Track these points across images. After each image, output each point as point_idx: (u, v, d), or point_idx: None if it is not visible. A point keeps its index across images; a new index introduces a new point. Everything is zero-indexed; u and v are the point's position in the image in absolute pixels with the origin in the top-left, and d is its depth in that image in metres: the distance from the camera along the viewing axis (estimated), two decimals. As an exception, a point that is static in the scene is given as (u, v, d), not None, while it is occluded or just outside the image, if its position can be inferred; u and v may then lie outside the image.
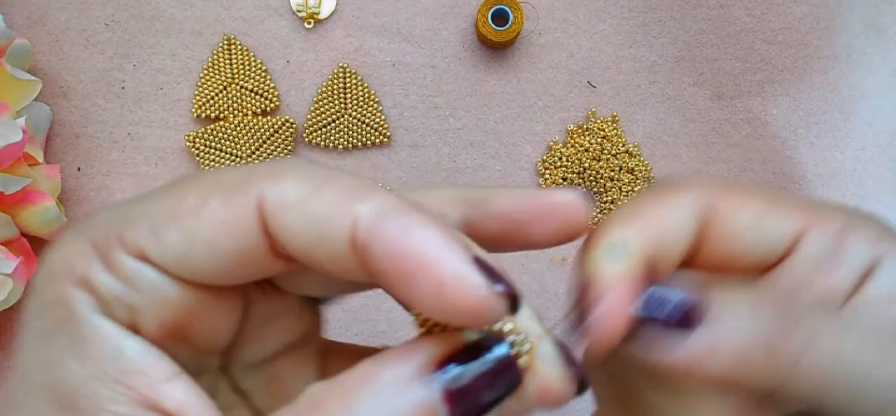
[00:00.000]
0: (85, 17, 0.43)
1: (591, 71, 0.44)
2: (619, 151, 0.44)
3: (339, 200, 0.19)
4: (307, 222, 0.19)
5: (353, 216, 0.19)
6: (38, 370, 0.20)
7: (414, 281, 0.18)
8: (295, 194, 0.19)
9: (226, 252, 0.20)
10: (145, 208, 0.20)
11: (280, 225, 0.19)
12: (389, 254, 0.18)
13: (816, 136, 0.44)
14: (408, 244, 0.18)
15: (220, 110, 0.43)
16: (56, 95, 0.42)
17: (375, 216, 0.19)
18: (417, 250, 0.18)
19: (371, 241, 0.18)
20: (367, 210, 0.19)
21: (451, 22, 0.44)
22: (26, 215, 0.39)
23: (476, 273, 0.18)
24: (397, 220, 0.18)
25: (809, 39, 0.44)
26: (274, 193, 0.20)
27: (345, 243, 0.19)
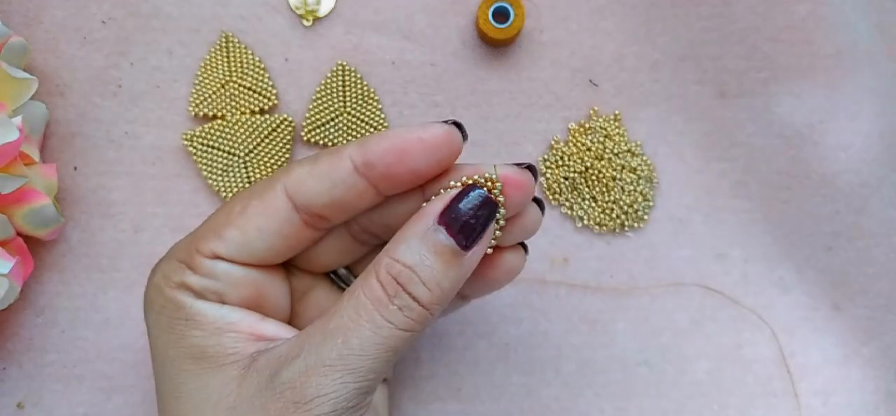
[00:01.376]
0: (81, 15, 0.43)
1: (593, 69, 0.45)
2: (621, 149, 0.44)
3: (332, 157, 0.30)
4: (320, 180, 0.30)
5: (346, 157, 0.30)
6: (172, 348, 0.30)
7: (407, 155, 0.29)
8: (304, 171, 0.31)
9: (271, 233, 0.31)
10: (209, 224, 0.31)
11: (303, 194, 0.30)
12: (384, 152, 0.30)
13: (820, 135, 0.45)
14: (392, 141, 0.30)
15: (218, 108, 0.44)
16: (52, 94, 0.43)
17: (361, 146, 0.30)
18: (399, 138, 0.30)
19: (367, 156, 0.30)
20: (353, 149, 0.30)
21: (451, 19, 0.45)
22: (22, 214, 0.39)
23: (435, 126, 0.30)
24: (374, 139, 0.30)
25: (814, 37, 0.45)
26: (290, 178, 0.31)
27: (351, 174, 0.30)
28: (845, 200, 0.45)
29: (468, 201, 0.29)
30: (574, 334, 0.44)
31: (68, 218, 0.43)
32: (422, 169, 0.30)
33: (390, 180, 0.30)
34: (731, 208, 0.45)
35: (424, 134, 0.29)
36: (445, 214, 0.29)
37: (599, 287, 0.44)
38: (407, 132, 0.29)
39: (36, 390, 0.42)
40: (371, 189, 0.30)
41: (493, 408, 0.43)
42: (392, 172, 0.30)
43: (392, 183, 0.30)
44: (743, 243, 0.45)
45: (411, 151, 0.29)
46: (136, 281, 0.43)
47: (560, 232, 0.44)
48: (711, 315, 0.44)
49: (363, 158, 0.30)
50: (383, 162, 0.29)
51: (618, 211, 0.44)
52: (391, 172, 0.30)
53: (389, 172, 0.30)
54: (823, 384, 0.44)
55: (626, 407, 0.44)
